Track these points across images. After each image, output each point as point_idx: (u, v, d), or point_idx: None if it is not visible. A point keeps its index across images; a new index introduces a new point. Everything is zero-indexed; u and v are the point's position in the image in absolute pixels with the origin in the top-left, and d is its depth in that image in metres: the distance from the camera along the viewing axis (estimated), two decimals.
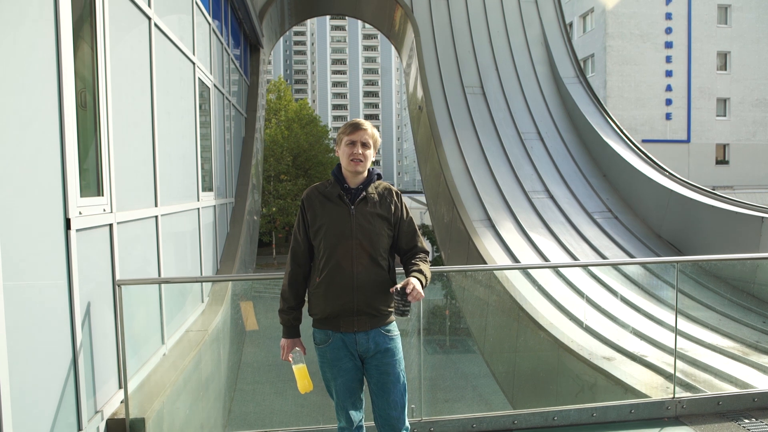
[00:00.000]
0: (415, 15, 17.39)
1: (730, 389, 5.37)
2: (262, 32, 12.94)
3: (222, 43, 8.60)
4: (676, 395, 3.83)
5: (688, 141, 29.82)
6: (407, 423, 2.56)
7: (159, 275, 4.78)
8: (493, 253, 11.01)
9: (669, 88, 29.42)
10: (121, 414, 3.37)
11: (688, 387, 4.98)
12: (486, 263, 10.37)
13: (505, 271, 8.29)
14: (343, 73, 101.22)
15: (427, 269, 2.49)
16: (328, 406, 2.62)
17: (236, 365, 6.31)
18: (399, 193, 2.61)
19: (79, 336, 3.00)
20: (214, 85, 7.68)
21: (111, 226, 3.58)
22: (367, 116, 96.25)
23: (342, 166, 2.52)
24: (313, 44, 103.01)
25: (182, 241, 5.80)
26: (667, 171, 13.64)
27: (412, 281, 2.34)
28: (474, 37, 17.50)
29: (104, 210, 3.45)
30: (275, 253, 38.46)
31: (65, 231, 2.90)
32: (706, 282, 9.19)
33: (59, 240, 2.86)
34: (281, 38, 24.93)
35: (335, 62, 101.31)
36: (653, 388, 5.46)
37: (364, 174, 2.52)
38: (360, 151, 2.46)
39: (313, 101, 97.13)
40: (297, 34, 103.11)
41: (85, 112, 3.30)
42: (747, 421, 3.66)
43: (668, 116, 29.57)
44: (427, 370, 3.76)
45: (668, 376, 4.74)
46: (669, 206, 12.31)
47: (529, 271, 8.84)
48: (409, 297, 2.30)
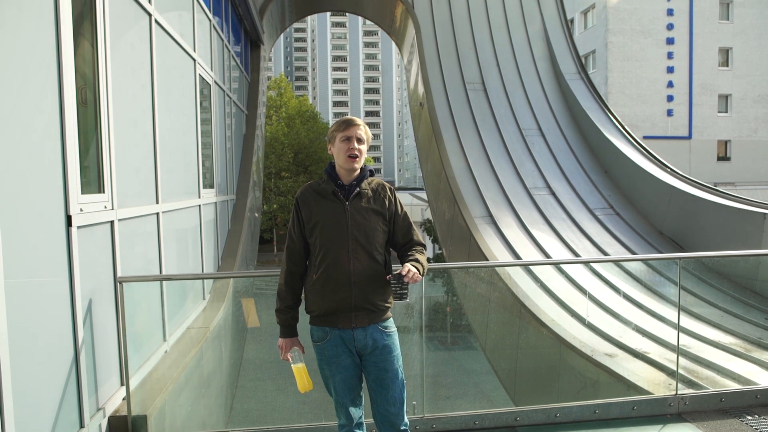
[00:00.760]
0: (416, 11, 17.33)
1: (732, 386, 5.36)
2: (263, 29, 12.91)
3: (223, 40, 8.58)
4: (679, 392, 3.83)
5: (689, 137, 29.75)
6: (406, 419, 2.55)
7: (160, 272, 4.78)
8: (494, 249, 10.99)
9: (670, 84, 29.33)
10: (123, 411, 3.37)
11: (690, 384, 4.98)
12: (487, 260, 10.36)
13: (506, 267, 8.28)
14: (343, 69, 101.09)
15: (423, 259, 2.53)
16: (329, 402, 2.62)
17: (238, 362, 6.31)
18: (392, 188, 2.63)
19: (80, 333, 2.99)
20: (215, 82, 7.67)
21: (112, 223, 3.57)
22: (368, 113, 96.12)
23: (337, 164, 2.53)
24: (313, 41, 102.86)
25: (183, 238, 5.79)
26: (669, 167, 13.61)
27: (407, 265, 2.39)
28: (475, 33, 17.46)
29: (105, 207, 3.44)
30: (276, 250, 38.45)
31: (66, 228, 2.90)
32: (708, 278, 9.18)
33: (60, 237, 2.85)
34: (282, 35, 24.87)
35: (336, 59, 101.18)
36: (656, 385, 5.45)
37: (357, 170, 2.53)
38: (356, 146, 2.47)
39: (314, 98, 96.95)
40: (297, 30, 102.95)
41: (85, 108, 3.29)
42: (750, 417, 3.66)
43: (669, 112, 29.49)
44: (429, 367, 3.75)
45: (671, 373, 4.73)
46: (671, 203, 12.28)
47: (531, 267, 8.83)
48: (405, 279, 2.34)
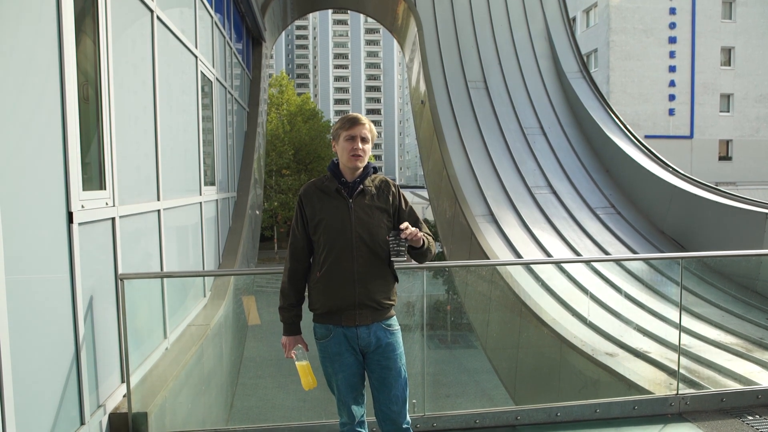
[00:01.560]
0: (418, 9, 17.30)
1: (733, 386, 5.36)
2: (265, 26, 12.89)
3: (224, 37, 8.56)
4: (680, 392, 3.82)
5: (691, 137, 29.70)
6: (408, 418, 2.55)
7: (161, 269, 4.77)
8: (495, 248, 10.98)
9: (672, 83, 29.28)
10: (123, 408, 3.37)
11: (691, 383, 4.98)
12: (488, 258, 10.35)
13: (507, 266, 8.27)
14: (345, 67, 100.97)
15: (431, 241, 2.54)
16: (330, 401, 2.61)
17: (238, 360, 6.32)
18: (396, 185, 2.63)
19: (81, 330, 2.99)
20: (217, 79, 7.65)
21: (113, 219, 3.57)
22: (369, 111, 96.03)
23: (340, 162, 2.52)
24: (315, 38, 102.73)
25: (184, 236, 5.79)
26: (671, 167, 13.59)
27: (406, 223, 2.41)
28: (477, 31, 17.42)
29: (106, 204, 3.44)
30: (277, 248, 38.46)
31: (67, 225, 2.89)
32: (709, 278, 9.17)
33: (62, 234, 2.85)
34: (283, 32, 24.86)
35: (337, 56, 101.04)
36: (656, 385, 5.46)
37: (361, 168, 2.52)
38: (360, 146, 2.46)
39: (315, 96, 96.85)
40: (299, 28, 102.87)
41: (87, 105, 3.29)
42: (751, 417, 3.65)
43: (671, 112, 29.44)
44: (429, 366, 3.74)
45: (672, 373, 4.73)
46: (672, 202, 12.27)
47: (532, 266, 8.81)
48: (403, 234, 2.35)
